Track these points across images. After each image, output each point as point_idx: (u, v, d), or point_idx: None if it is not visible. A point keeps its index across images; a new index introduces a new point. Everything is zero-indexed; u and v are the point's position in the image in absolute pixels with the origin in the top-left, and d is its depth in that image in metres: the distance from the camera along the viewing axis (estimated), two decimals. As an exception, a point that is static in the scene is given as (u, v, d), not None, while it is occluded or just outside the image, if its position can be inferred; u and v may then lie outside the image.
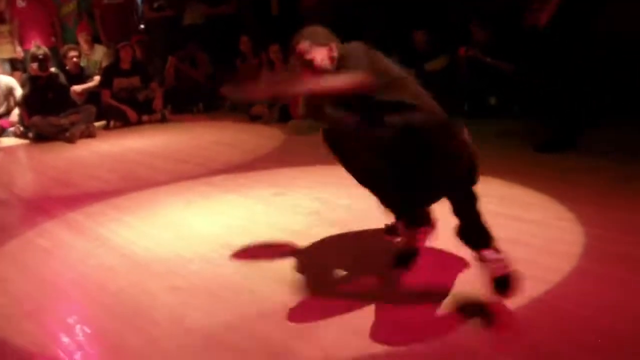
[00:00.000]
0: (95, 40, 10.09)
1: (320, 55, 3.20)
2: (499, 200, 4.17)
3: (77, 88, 9.01)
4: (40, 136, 8.27)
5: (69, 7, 10.18)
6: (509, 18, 7.16)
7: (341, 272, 3.26)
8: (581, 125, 5.46)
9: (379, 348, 2.52)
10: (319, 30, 3.30)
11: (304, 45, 3.21)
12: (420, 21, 7.75)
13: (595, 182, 4.42)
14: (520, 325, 2.62)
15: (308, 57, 3.19)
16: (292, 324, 2.76)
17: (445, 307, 2.80)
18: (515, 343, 2.51)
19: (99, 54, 9.93)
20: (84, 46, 9.81)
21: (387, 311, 2.81)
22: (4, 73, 8.97)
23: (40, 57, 8.34)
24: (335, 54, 3.21)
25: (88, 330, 2.91)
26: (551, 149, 5.30)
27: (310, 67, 3.20)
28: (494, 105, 7.30)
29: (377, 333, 2.63)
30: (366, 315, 2.77)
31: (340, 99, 3.15)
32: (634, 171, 4.59)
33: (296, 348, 2.57)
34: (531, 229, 3.65)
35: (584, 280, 2.97)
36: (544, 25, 5.27)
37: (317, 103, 3.30)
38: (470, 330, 2.60)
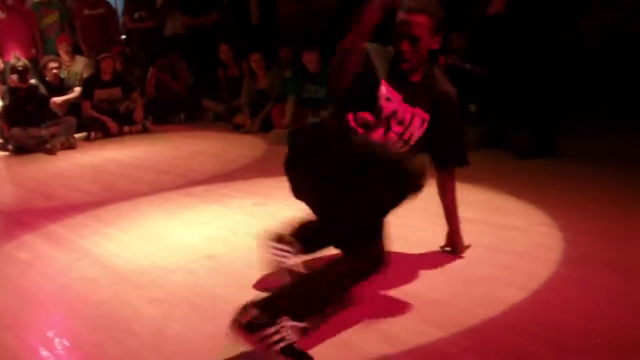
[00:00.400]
0: (75, 51, 10.05)
1: (429, 40, 2.97)
2: (480, 207, 4.20)
3: (57, 99, 8.96)
4: (20, 148, 8.21)
5: (51, 18, 10.11)
6: (485, 23, 7.21)
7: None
8: (557, 131, 5.50)
9: (363, 358, 2.53)
10: (441, 12, 3.00)
11: (423, 18, 2.93)
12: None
13: (577, 189, 4.46)
14: (498, 332, 2.63)
15: (417, 32, 2.92)
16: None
17: (421, 314, 2.82)
18: (493, 349, 2.52)
19: (80, 65, 9.89)
20: (64, 57, 9.76)
21: (369, 319, 2.81)
22: (-18, 85, 8.91)
23: (20, 68, 8.30)
24: (437, 47, 3.01)
25: (67, 343, 2.88)
26: (532, 155, 5.33)
27: (413, 44, 2.94)
28: (474, 112, 7.34)
29: (360, 342, 2.63)
30: (348, 324, 2.78)
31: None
32: (616, 178, 4.63)
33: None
34: (512, 235, 3.67)
35: (565, 286, 2.99)
36: (501, 13, 5.34)
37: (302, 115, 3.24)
38: (448, 338, 2.61)
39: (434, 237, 3.67)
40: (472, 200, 4.35)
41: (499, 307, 2.80)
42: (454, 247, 3.49)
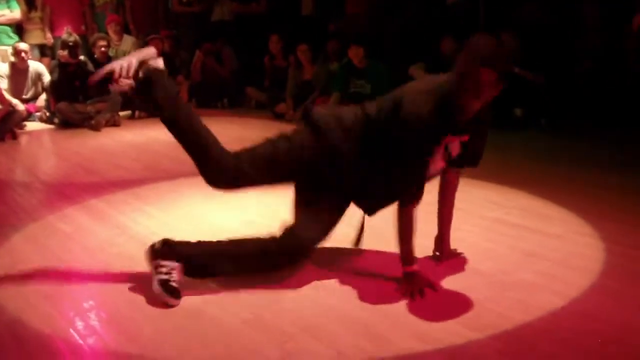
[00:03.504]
0: (125, 30, 10.17)
1: (490, 92, 2.81)
2: (520, 212, 4.16)
3: (104, 77, 9.07)
4: (65, 122, 8.35)
5: (106, -3, 10.29)
6: (539, 27, 7.16)
7: (358, 274, 3.26)
8: None
9: (396, 353, 2.53)
10: (510, 57, 2.81)
11: (488, 73, 2.72)
12: (448, 28, 7.74)
13: (618, 199, 4.39)
14: (533, 338, 2.61)
15: (481, 89, 2.76)
16: (306, 322, 2.77)
17: (456, 314, 2.80)
18: (527, 355, 2.50)
19: (128, 45, 10.00)
20: (113, 37, 9.89)
21: (404, 315, 2.81)
22: (32, 58, 9.05)
23: (71, 44, 8.42)
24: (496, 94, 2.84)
25: (104, 316, 2.93)
26: None
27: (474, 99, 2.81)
28: (519, 116, 7.28)
29: (394, 338, 2.63)
30: (382, 318, 2.79)
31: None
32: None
33: (309, 346, 2.58)
34: (551, 242, 3.63)
35: (604, 297, 2.95)
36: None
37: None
38: (482, 340, 2.59)
39: (469, 236, 3.66)
40: (513, 204, 4.33)
41: (536, 313, 2.78)
42: (441, 252, 3.40)
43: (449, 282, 3.12)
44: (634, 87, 6.51)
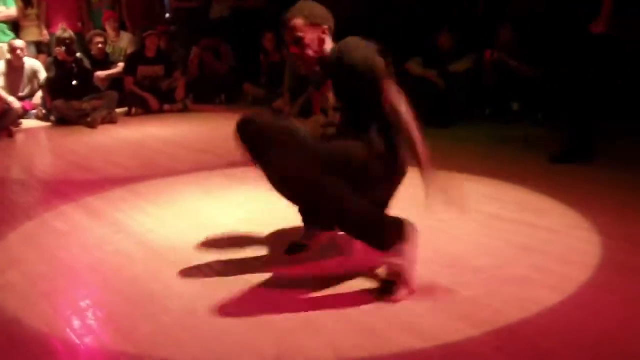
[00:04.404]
0: (121, 27, 10.16)
1: (311, 36, 3.26)
2: (515, 207, 4.16)
3: (100, 74, 9.07)
4: (61, 120, 8.34)
5: (103, -7, 10.28)
6: (536, 20, 7.14)
7: (354, 271, 3.26)
8: (594, 138, 5.36)
9: (392, 350, 2.53)
10: (317, 9, 3.32)
11: (298, 21, 3.26)
12: (445, 21, 7.73)
13: (614, 193, 4.39)
14: (530, 334, 2.60)
15: (299, 34, 3.25)
16: (303, 319, 2.77)
17: (453, 311, 2.80)
18: (524, 351, 2.49)
19: (125, 42, 10.00)
20: (111, 33, 9.88)
21: (399, 311, 2.81)
22: (29, 56, 9.03)
23: (67, 41, 8.41)
24: (327, 38, 3.28)
25: (101, 315, 2.92)
26: (565, 160, 5.22)
27: (298, 46, 3.26)
28: (516, 110, 7.28)
29: (390, 334, 2.63)
30: (377, 315, 2.78)
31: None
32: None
33: (305, 343, 2.57)
34: (547, 236, 3.63)
35: (600, 292, 2.94)
36: (604, 32, 5.13)
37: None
38: (479, 337, 2.58)
39: (464, 231, 3.66)
40: (507, 199, 4.34)
41: (532, 309, 2.77)
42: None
43: (445, 278, 3.12)
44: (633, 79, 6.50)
